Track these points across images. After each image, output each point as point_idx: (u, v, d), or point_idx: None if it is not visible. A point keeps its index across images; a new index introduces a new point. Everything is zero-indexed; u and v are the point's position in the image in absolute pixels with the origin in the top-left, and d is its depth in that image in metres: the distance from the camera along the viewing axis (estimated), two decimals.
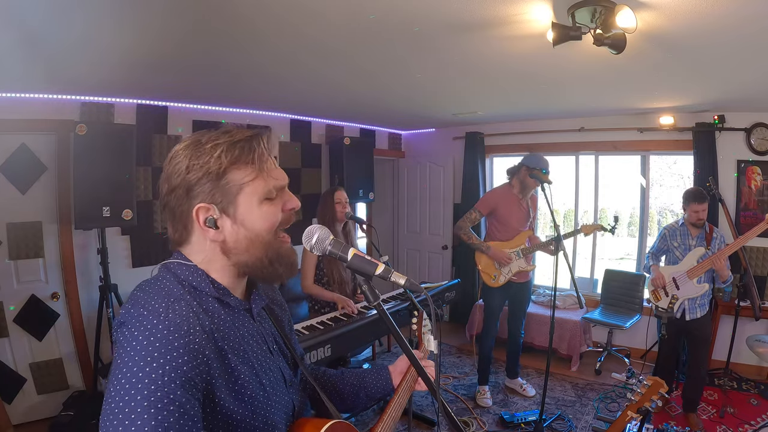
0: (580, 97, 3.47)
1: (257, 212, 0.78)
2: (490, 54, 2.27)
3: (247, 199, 0.77)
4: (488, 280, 3.29)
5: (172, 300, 0.72)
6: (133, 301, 0.72)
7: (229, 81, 2.86)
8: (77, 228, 2.80)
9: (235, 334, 0.78)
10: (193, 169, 0.75)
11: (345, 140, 4.34)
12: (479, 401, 3.38)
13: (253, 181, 0.78)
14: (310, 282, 2.77)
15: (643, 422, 1.84)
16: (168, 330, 0.66)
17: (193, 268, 0.79)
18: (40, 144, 2.93)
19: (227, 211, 0.77)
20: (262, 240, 0.79)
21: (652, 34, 1.90)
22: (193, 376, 0.65)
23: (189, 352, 0.66)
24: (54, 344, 3.03)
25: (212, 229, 0.77)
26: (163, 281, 0.77)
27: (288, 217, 0.84)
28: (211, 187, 0.76)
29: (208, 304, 0.77)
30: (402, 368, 1.14)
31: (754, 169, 3.73)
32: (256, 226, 0.79)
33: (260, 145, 0.79)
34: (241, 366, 0.76)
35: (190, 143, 0.78)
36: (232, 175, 0.76)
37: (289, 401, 0.87)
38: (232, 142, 0.76)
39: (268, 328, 0.90)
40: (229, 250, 0.79)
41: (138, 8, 1.66)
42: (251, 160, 0.77)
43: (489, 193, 3.44)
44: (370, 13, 1.75)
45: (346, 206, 2.83)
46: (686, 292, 2.90)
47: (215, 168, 0.75)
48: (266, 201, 0.79)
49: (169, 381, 0.62)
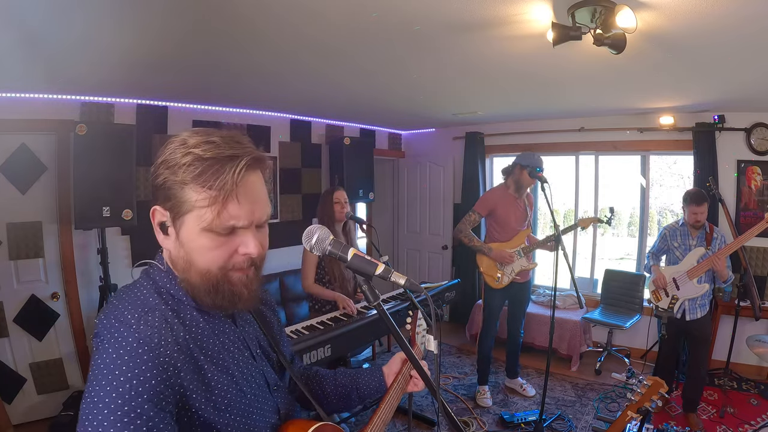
0: (580, 97, 3.47)
1: (198, 241, 0.72)
2: (490, 54, 2.27)
3: (192, 223, 0.72)
4: (492, 282, 3.28)
5: (146, 310, 0.71)
6: (107, 310, 0.72)
7: (229, 81, 2.86)
8: (77, 228, 2.80)
9: (213, 343, 0.77)
10: (162, 167, 0.73)
11: (345, 140, 4.34)
12: (479, 401, 3.38)
13: (204, 208, 0.70)
14: (310, 281, 2.77)
15: (643, 422, 1.84)
16: (138, 343, 0.65)
17: (171, 275, 0.77)
18: (40, 144, 2.93)
19: (175, 223, 0.74)
20: (198, 270, 0.74)
21: (652, 34, 1.90)
22: (162, 389, 0.65)
23: (158, 366, 0.65)
24: (54, 344, 3.03)
25: (162, 233, 0.76)
26: (141, 289, 0.76)
27: (243, 261, 0.75)
28: (169, 194, 0.72)
29: (185, 313, 0.76)
30: (395, 369, 1.12)
31: (754, 169, 3.73)
32: (193, 255, 0.73)
33: (231, 171, 0.70)
34: (219, 375, 0.75)
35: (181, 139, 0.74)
36: (188, 193, 0.71)
37: (273, 405, 0.86)
38: (201, 158, 0.70)
39: (252, 332, 0.89)
40: (174, 262, 0.77)
41: (138, 8, 1.66)
42: (210, 185, 0.69)
43: (486, 194, 3.43)
44: (370, 13, 1.74)
45: (345, 206, 2.82)
46: (686, 293, 2.90)
47: (177, 179, 0.71)
48: (211, 234, 0.72)
49: (137, 396, 0.62)
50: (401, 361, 1.12)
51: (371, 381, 1.11)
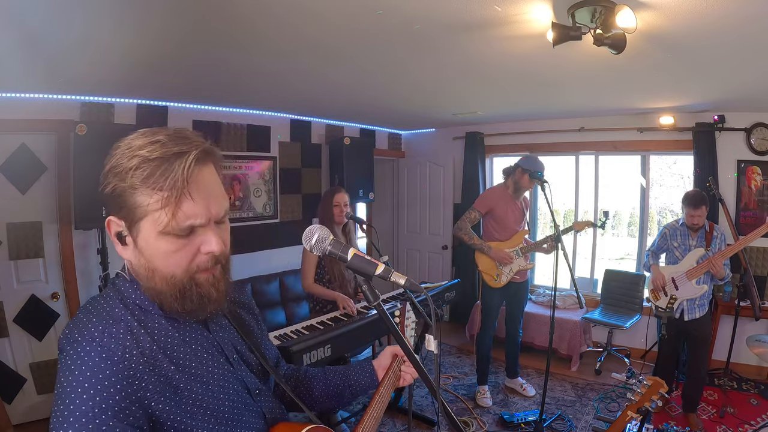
0: (580, 97, 3.47)
1: (157, 246, 0.70)
2: (490, 54, 2.27)
3: (148, 228, 0.69)
4: (490, 281, 3.28)
5: (111, 322, 0.69)
6: (72, 323, 0.70)
7: (229, 81, 2.86)
8: (77, 228, 2.80)
9: (184, 351, 0.75)
10: (110, 175, 0.69)
11: (345, 140, 4.34)
12: (479, 401, 3.38)
13: (157, 211, 0.67)
14: (310, 281, 2.77)
15: (643, 422, 1.84)
16: (100, 357, 0.64)
17: (136, 285, 0.75)
18: (40, 144, 2.93)
19: (131, 231, 0.71)
20: (162, 275, 0.71)
21: (652, 34, 1.90)
22: (128, 405, 0.63)
23: (123, 380, 0.64)
24: (54, 344, 3.02)
25: (120, 244, 0.73)
26: (107, 299, 0.74)
27: (205, 261, 0.73)
28: (120, 202, 0.69)
29: (152, 322, 0.73)
30: (385, 363, 1.12)
31: (754, 169, 3.73)
32: (154, 261, 0.71)
33: (180, 169, 0.67)
34: (191, 384, 0.72)
35: (127, 142, 0.70)
36: (139, 198, 0.68)
37: (257, 411, 0.83)
38: (148, 159, 0.67)
39: (227, 337, 0.85)
40: (136, 273, 0.75)
41: (138, 8, 1.66)
42: (160, 187, 0.67)
43: (486, 193, 3.44)
44: (370, 13, 1.74)
45: (345, 209, 2.80)
46: (685, 293, 2.90)
47: (126, 185, 0.68)
48: (170, 237, 0.69)
49: (101, 413, 0.60)
50: (391, 355, 1.13)
51: (362, 376, 1.10)
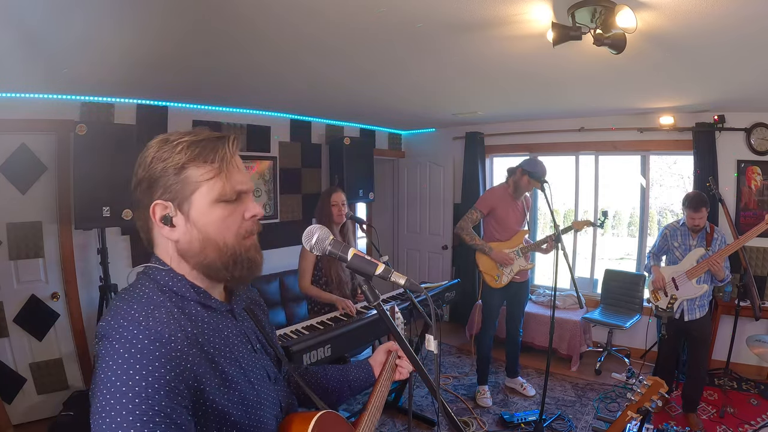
0: (580, 97, 3.47)
1: (211, 214, 0.77)
2: (490, 54, 2.27)
3: (202, 198, 0.76)
4: (491, 281, 3.28)
5: (152, 307, 0.72)
6: (112, 312, 0.71)
7: (229, 81, 2.86)
8: (77, 228, 2.80)
9: (219, 336, 0.79)
10: (155, 162, 0.76)
11: (345, 140, 4.34)
12: (479, 401, 3.38)
13: (211, 180, 0.76)
14: (307, 282, 2.75)
15: (643, 422, 1.84)
16: (149, 339, 0.66)
17: (172, 273, 0.78)
18: (40, 144, 2.93)
19: (182, 208, 0.76)
20: (215, 244, 0.77)
21: (652, 34, 1.90)
22: (177, 384, 0.65)
23: (171, 360, 0.66)
24: (54, 344, 3.03)
25: (167, 226, 0.76)
26: (143, 288, 0.76)
27: (251, 226, 0.82)
28: (170, 182, 0.75)
29: (190, 308, 0.77)
30: (381, 359, 1.17)
31: (754, 169, 3.72)
32: (208, 229, 0.77)
33: (225, 146, 0.78)
34: (230, 367, 0.76)
35: (160, 140, 0.79)
36: (191, 172, 0.76)
37: (275, 398, 0.87)
38: (195, 141, 0.77)
39: (250, 327, 0.91)
40: (185, 251, 0.78)
41: (138, 8, 1.66)
42: (212, 159, 0.76)
43: (488, 193, 3.43)
44: (370, 12, 1.75)
45: (343, 208, 2.78)
46: (685, 293, 2.90)
47: (175, 162, 0.75)
48: (222, 203, 0.77)
49: (153, 392, 0.62)
50: (385, 352, 1.18)
51: (360, 374, 1.16)
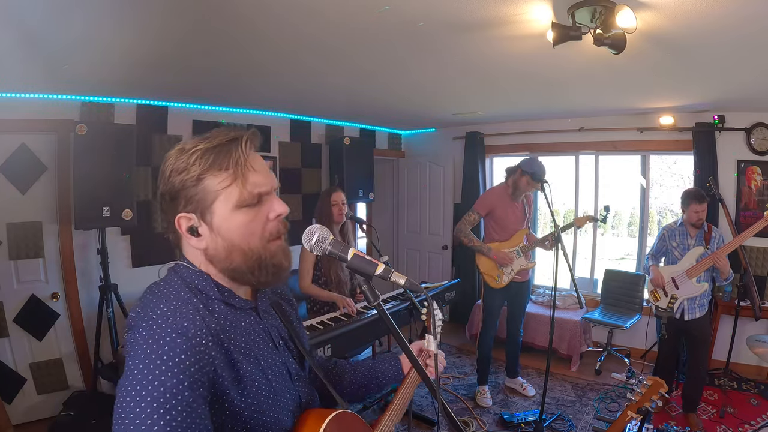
0: (580, 97, 3.47)
1: (233, 220, 0.78)
2: (491, 54, 2.27)
3: (222, 207, 0.77)
4: (492, 282, 3.28)
5: (180, 303, 0.74)
6: (142, 304, 0.75)
7: (229, 81, 2.86)
8: (77, 228, 2.80)
9: (241, 334, 0.81)
10: (173, 175, 0.77)
11: (345, 140, 4.34)
12: (479, 401, 3.38)
13: (228, 188, 0.77)
14: (307, 282, 2.75)
15: (643, 422, 1.84)
16: (176, 333, 0.69)
17: (199, 273, 0.81)
18: (40, 144, 2.93)
19: (205, 218, 0.78)
20: (240, 249, 0.79)
21: (652, 34, 1.90)
22: (199, 377, 0.68)
23: (195, 354, 0.68)
24: (54, 344, 3.03)
25: (194, 237, 0.78)
26: (172, 284, 0.79)
27: (277, 226, 0.82)
28: (190, 194, 0.76)
29: (214, 306, 0.79)
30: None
31: (754, 169, 3.72)
32: (232, 236, 0.78)
33: (238, 149, 0.78)
34: (248, 364, 0.78)
35: (178, 149, 0.79)
36: (208, 182, 0.76)
37: (295, 394, 0.89)
38: (208, 148, 0.76)
39: (274, 324, 0.92)
40: (212, 258, 0.80)
41: (138, 8, 1.66)
42: (226, 166, 0.76)
43: (486, 194, 3.43)
44: (370, 12, 1.74)
45: (343, 208, 2.78)
46: (685, 292, 2.90)
47: (192, 175, 0.76)
48: (244, 209, 0.78)
49: (178, 383, 0.65)
50: (417, 350, 1.15)
51: (389, 369, 1.16)
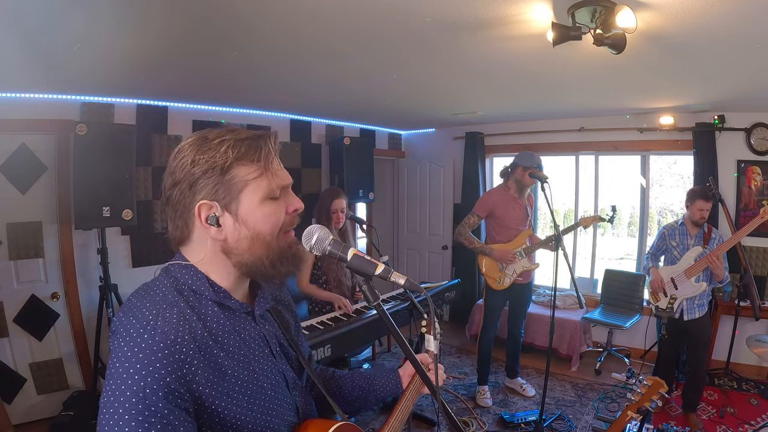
0: (580, 97, 3.47)
1: (259, 211, 0.78)
2: (491, 54, 2.27)
3: (249, 197, 0.77)
4: (493, 284, 3.26)
5: (165, 306, 0.72)
6: (125, 308, 0.72)
7: (229, 81, 2.86)
8: (77, 228, 2.79)
9: (234, 338, 0.78)
10: (198, 163, 0.75)
11: (345, 140, 4.34)
12: (479, 401, 3.38)
13: (257, 179, 0.77)
14: (305, 282, 2.76)
15: (643, 422, 1.84)
16: (153, 340, 0.66)
17: (194, 270, 0.78)
18: (40, 144, 2.93)
19: (229, 208, 0.76)
20: (263, 240, 0.79)
21: (652, 34, 1.90)
22: (177, 387, 0.65)
23: (174, 362, 0.66)
24: (54, 344, 3.03)
25: (213, 227, 0.76)
26: (160, 286, 0.76)
27: (291, 219, 0.84)
28: (215, 182, 0.75)
29: (206, 309, 0.76)
30: (411, 371, 1.15)
31: (754, 169, 3.72)
32: (258, 226, 0.78)
33: (267, 144, 0.79)
34: (239, 371, 0.76)
35: (196, 139, 0.78)
36: (237, 171, 0.76)
37: (291, 404, 0.87)
38: (238, 139, 0.77)
39: (271, 330, 0.89)
40: (230, 249, 0.78)
41: (138, 8, 1.66)
42: (257, 158, 0.77)
43: (485, 196, 3.41)
44: (370, 12, 1.74)
45: (342, 216, 2.79)
46: (684, 292, 2.90)
47: (221, 162, 0.75)
48: (269, 200, 0.79)
49: (151, 393, 0.63)
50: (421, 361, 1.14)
51: (388, 383, 1.14)
